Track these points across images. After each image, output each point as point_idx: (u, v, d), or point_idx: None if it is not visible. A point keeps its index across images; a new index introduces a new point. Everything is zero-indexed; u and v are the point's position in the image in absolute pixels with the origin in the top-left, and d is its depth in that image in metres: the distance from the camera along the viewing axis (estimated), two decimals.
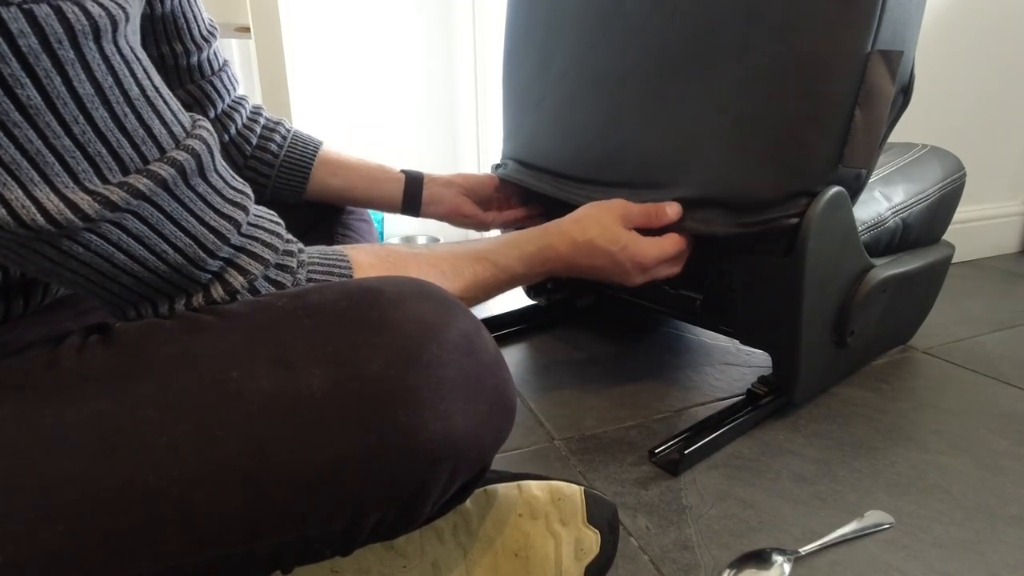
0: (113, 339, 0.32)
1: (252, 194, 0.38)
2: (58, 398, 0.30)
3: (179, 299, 0.35)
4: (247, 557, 0.31)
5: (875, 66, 0.56)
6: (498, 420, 0.36)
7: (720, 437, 0.67)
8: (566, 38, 0.80)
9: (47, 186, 0.28)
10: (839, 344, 0.72)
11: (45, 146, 0.27)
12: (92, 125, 0.28)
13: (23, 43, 0.25)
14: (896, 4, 0.56)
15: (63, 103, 0.27)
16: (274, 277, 0.37)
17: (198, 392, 0.30)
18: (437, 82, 1.57)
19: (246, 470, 0.30)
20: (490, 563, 0.44)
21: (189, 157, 0.32)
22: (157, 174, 0.31)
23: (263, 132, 0.72)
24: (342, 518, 0.32)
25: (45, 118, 0.27)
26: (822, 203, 0.60)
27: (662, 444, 0.65)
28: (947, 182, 0.87)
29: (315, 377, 0.31)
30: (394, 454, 0.31)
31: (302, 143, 0.74)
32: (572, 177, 0.79)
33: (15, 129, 0.26)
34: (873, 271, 0.72)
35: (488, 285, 0.54)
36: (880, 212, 0.77)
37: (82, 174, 0.29)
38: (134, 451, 0.29)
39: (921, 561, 0.51)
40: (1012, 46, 1.31)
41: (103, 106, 0.29)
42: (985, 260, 1.43)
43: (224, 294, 0.35)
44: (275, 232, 0.38)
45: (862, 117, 0.57)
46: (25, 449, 0.28)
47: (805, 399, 0.75)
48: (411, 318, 0.33)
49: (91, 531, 0.28)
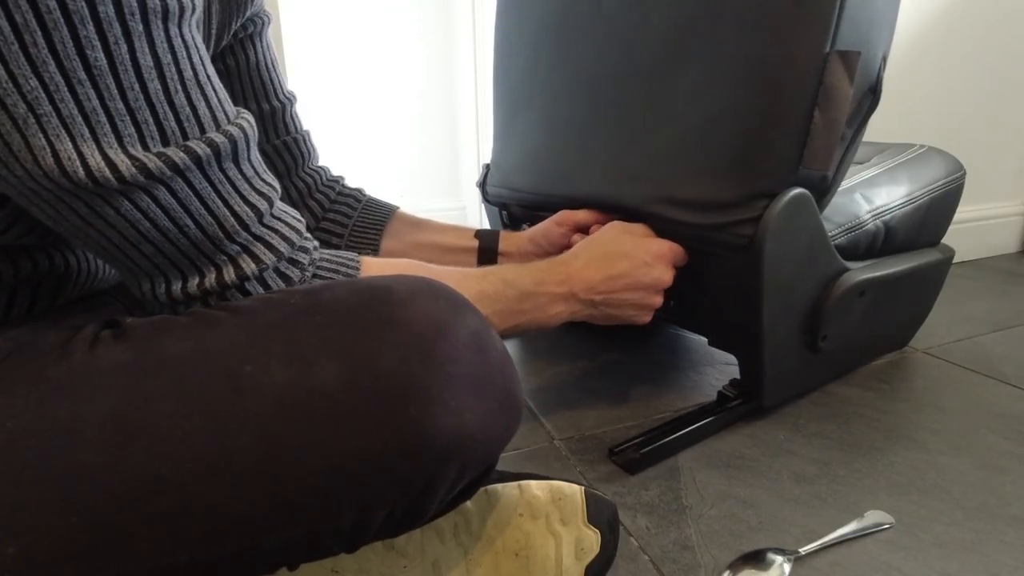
0: (126, 334, 0.33)
1: (279, 190, 0.40)
2: (73, 391, 0.30)
3: (192, 277, 0.36)
4: (257, 551, 0.32)
5: (833, 67, 0.56)
6: (506, 418, 0.36)
7: (684, 437, 0.67)
8: (551, 41, 0.81)
9: (94, 143, 0.29)
10: (812, 348, 0.71)
11: (100, 106, 0.29)
12: (145, 94, 0.31)
13: (102, 10, 0.28)
14: (857, 5, 0.55)
15: (124, 69, 0.29)
16: (284, 270, 0.39)
17: (211, 386, 0.31)
18: (437, 82, 1.57)
19: (259, 464, 0.30)
20: (490, 563, 0.44)
21: (226, 141, 0.34)
22: (194, 151, 0.32)
23: (338, 197, 0.73)
24: (352, 513, 0.32)
25: (106, 80, 0.29)
26: (781, 205, 0.60)
27: (624, 443, 0.66)
28: (938, 184, 0.84)
29: (328, 372, 0.31)
30: (405, 449, 0.32)
31: (376, 207, 0.74)
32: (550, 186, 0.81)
33: (78, 86, 0.28)
34: (847, 274, 0.70)
35: (494, 299, 0.53)
36: (858, 214, 0.76)
37: (127, 138, 0.30)
38: (148, 444, 0.29)
39: (921, 561, 0.51)
40: (1012, 46, 1.31)
41: (158, 79, 0.31)
42: (985, 260, 1.43)
43: (235, 278, 0.36)
44: (295, 228, 0.40)
45: (821, 118, 0.57)
46: (39, 442, 0.29)
47: (775, 402, 0.73)
48: (422, 315, 0.34)
49: (104, 523, 0.28)
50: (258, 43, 0.62)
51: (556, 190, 0.80)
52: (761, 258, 0.61)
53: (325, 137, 0.79)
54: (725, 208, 0.62)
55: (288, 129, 0.67)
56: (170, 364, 0.31)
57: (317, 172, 0.71)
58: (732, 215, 0.61)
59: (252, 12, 0.58)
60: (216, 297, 0.37)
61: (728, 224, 0.61)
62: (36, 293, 0.39)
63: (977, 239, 1.42)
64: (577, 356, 0.92)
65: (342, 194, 0.72)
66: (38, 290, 0.39)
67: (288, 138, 0.67)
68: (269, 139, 0.66)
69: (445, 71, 1.57)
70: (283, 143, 0.67)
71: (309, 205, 0.70)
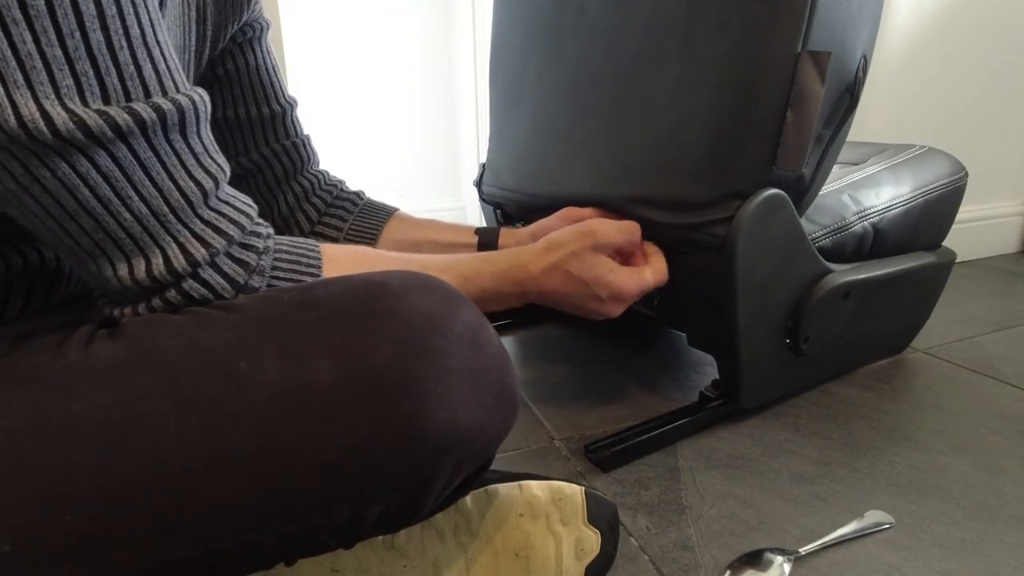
0: (121, 332, 0.33)
1: (227, 172, 0.38)
2: (67, 390, 0.30)
3: (136, 261, 0.34)
4: (253, 547, 0.32)
5: (804, 67, 0.56)
6: (502, 412, 0.36)
7: (660, 437, 0.67)
8: (542, 40, 0.82)
9: (28, 91, 0.28)
10: (794, 350, 0.71)
11: (36, 50, 0.28)
12: (86, 43, 0.29)
13: None
14: (830, 4, 0.55)
15: (64, 13, 0.28)
16: (237, 255, 0.37)
17: (205, 383, 0.31)
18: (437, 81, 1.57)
19: (253, 460, 0.30)
20: (490, 563, 0.44)
21: (173, 109, 0.32)
22: (137, 113, 0.31)
23: (335, 200, 0.72)
24: (347, 508, 0.32)
25: (43, 22, 0.27)
26: (753, 205, 0.60)
27: (601, 440, 0.66)
28: (934, 186, 0.82)
29: (322, 368, 0.31)
30: (400, 444, 0.32)
31: (374, 209, 0.73)
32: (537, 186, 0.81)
33: (12, 26, 0.27)
34: (830, 276, 0.70)
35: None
36: (844, 216, 0.74)
37: (65, 89, 0.29)
38: (142, 442, 0.29)
39: (921, 561, 0.51)
40: (1012, 46, 1.31)
41: (101, 30, 0.29)
42: (985, 260, 1.43)
43: (186, 265, 0.35)
44: (244, 212, 0.38)
45: (793, 118, 0.57)
46: (34, 440, 0.29)
47: (755, 403, 0.73)
48: (416, 310, 0.33)
49: (99, 522, 0.29)
50: (258, 48, 0.62)
51: (542, 190, 0.80)
52: (734, 258, 0.61)
53: (325, 138, 0.79)
54: (700, 208, 0.62)
55: (288, 133, 0.67)
56: (164, 362, 0.31)
57: (316, 176, 0.71)
58: (706, 215, 0.61)
59: (250, 17, 0.58)
60: (174, 290, 0.35)
61: (703, 224, 0.62)
62: (30, 291, 0.39)
63: (977, 239, 1.42)
64: (577, 356, 0.92)
65: (340, 197, 0.72)
66: (32, 288, 0.39)
67: (287, 142, 0.67)
68: (269, 143, 0.66)
69: (445, 71, 1.57)
70: (283, 147, 0.67)
71: (305, 209, 0.70)
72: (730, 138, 0.59)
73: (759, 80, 0.57)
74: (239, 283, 0.37)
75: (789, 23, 0.55)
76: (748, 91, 0.58)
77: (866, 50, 0.62)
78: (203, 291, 0.36)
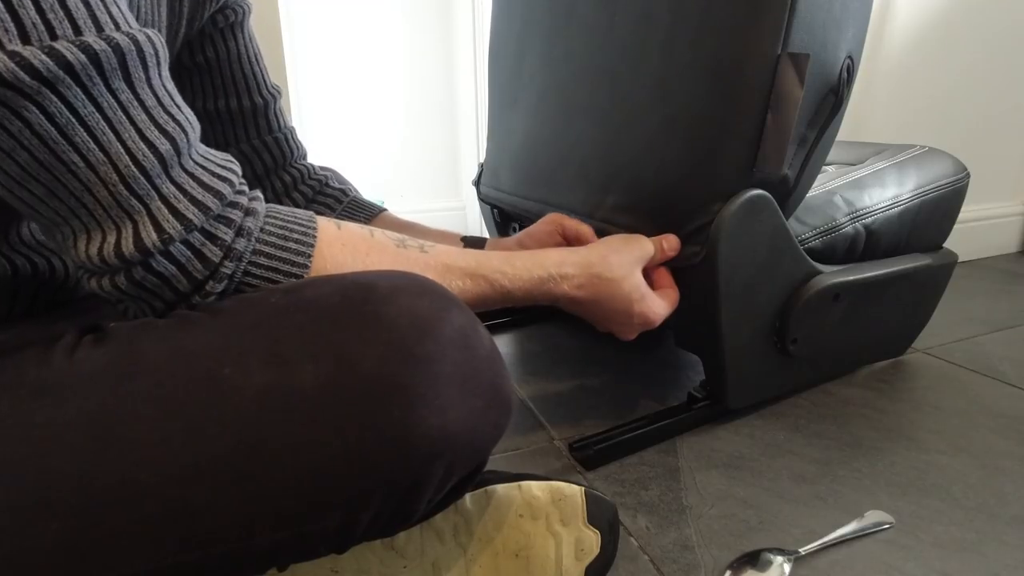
0: (106, 338, 0.32)
1: (195, 129, 0.34)
2: (51, 397, 0.30)
3: (95, 235, 0.31)
4: (244, 554, 0.31)
5: (783, 69, 0.56)
6: (495, 415, 0.35)
7: (645, 436, 0.67)
8: (535, 41, 0.82)
9: None
10: (782, 352, 0.70)
11: None
12: None
13: None
14: (810, 6, 0.55)
15: None
16: (212, 230, 0.33)
17: (191, 389, 0.30)
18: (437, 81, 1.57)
19: (240, 466, 0.30)
20: (490, 563, 0.44)
21: (108, 49, 0.28)
22: (62, 55, 0.26)
23: (316, 196, 0.70)
24: (337, 514, 0.32)
25: None
26: (735, 206, 0.59)
27: (586, 438, 0.66)
28: (932, 187, 0.81)
29: (308, 372, 0.31)
30: (389, 449, 0.31)
31: (359, 206, 0.71)
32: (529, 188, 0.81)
33: None
34: (819, 277, 0.69)
35: (474, 302, 0.47)
36: (835, 217, 0.73)
37: None
38: (127, 448, 0.29)
39: (921, 561, 0.51)
40: (1012, 46, 1.31)
41: None
42: (985, 260, 1.43)
43: (158, 241, 0.31)
44: (223, 177, 0.34)
45: (772, 120, 0.57)
46: (18, 447, 0.28)
47: (742, 405, 0.73)
48: (405, 313, 0.33)
49: (85, 529, 0.28)
50: (239, 34, 0.60)
51: (535, 193, 0.80)
52: (715, 259, 0.60)
53: (326, 137, 0.79)
54: (684, 212, 0.62)
55: (271, 127, 0.65)
56: (148, 368, 0.30)
57: (301, 169, 0.69)
58: (691, 218, 0.61)
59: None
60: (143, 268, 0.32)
61: (687, 226, 0.62)
62: (15, 297, 0.38)
63: (977, 239, 1.42)
64: (578, 356, 0.92)
65: (323, 192, 0.70)
66: (17, 294, 0.39)
67: (270, 137, 0.65)
68: (250, 138, 0.64)
69: (445, 71, 1.57)
70: (264, 143, 0.65)
71: (285, 203, 0.68)
72: (711, 140, 0.59)
73: (739, 82, 0.57)
74: (212, 263, 0.34)
75: (768, 25, 0.55)
76: (728, 93, 0.58)
77: (852, 50, 0.61)
78: (173, 270, 0.33)
